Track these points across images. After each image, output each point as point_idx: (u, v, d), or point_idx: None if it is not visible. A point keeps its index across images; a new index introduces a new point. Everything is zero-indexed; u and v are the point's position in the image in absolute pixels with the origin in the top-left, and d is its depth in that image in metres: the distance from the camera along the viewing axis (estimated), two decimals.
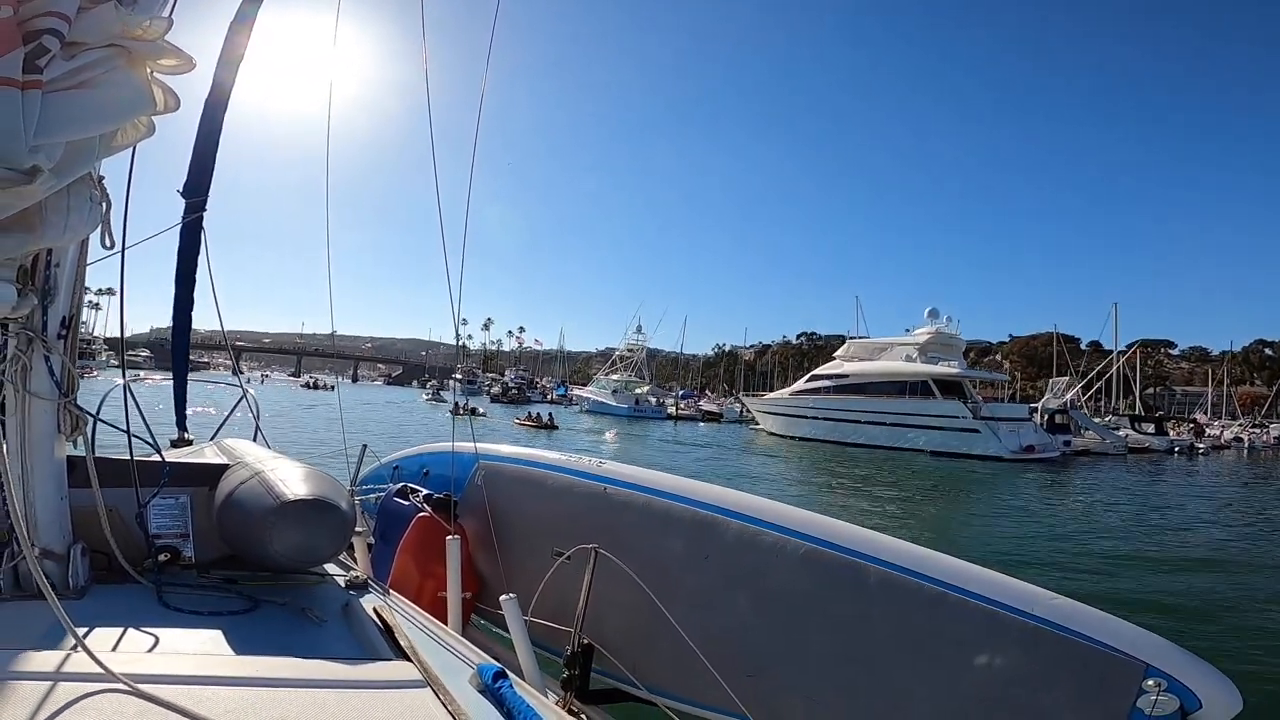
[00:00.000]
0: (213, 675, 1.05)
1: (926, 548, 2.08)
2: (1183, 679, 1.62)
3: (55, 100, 1.15)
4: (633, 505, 2.57)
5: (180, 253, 2.64)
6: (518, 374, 70.87)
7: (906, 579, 1.96)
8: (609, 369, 56.26)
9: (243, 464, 1.95)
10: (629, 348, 56.40)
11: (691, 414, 51.26)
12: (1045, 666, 1.74)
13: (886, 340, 33.58)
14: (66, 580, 1.49)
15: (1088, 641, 1.71)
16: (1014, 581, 1.92)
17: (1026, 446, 25.97)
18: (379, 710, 1.02)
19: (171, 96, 1.40)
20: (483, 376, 74.07)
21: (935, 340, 31.43)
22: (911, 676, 1.92)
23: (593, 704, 2.32)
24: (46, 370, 1.45)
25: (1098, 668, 1.68)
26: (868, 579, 2.03)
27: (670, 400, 53.92)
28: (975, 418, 26.91)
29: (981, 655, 1.82)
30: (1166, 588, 7.64)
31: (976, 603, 1.85)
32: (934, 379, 28.85)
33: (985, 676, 1.80)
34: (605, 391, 50.33)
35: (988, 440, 26.02)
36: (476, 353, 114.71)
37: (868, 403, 30.12)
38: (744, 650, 2.19)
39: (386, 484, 3.24)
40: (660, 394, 54.57)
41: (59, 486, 1.51)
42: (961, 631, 1.85)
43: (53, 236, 1.26)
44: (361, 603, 1.63)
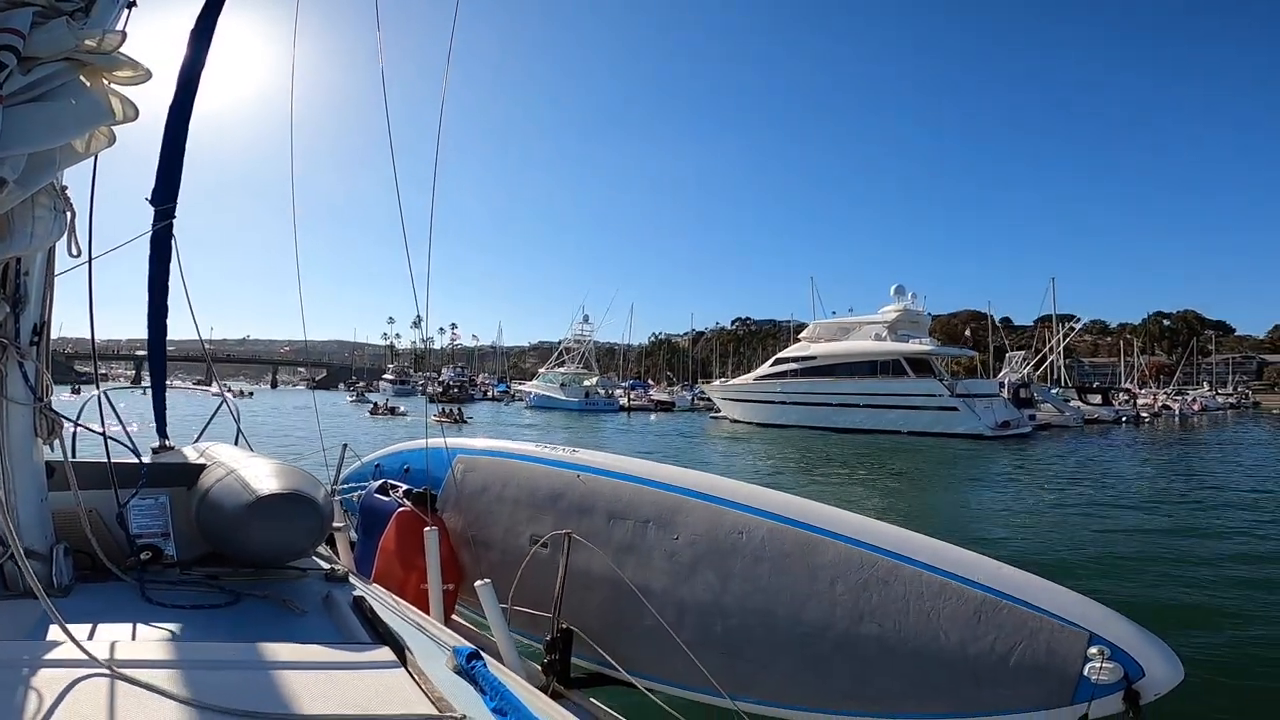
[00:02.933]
0: (194, 660, 1.10)
1: (882, 521, 2.16)
2: (1126, 648, 1.66)
3: (14, 114, 1.19)
4: (603, 490, 2.60)
5: (151, 262, 2.60)
6: (457, 371, 66.11)
7: (864, 552, 2.03)
8: (555, 361, 52.93)
9: (219, 463, 2.00)
10: (576, 339, 53.11)
11: (644, 405, 48.94)
12: (997, 636, 1.79)
13: (854, 319, 32.80)
14: (51, 579, 1.53)
15: (1034, 610, 1.77)
16: (963, 552, 1.97)
17: (1002, 422, 25.49)
18: (354, 690, 1.05)
19: (130, 107, 1.45)
20: (415, 376, 69.11)
21: (904, 318, 30.85)
22: (874, 648, 1.96)
23: (575, 688, 2.36)
24: (21, 376, 1.50)
25: (1045, 637, 1.74)
26: (827, 554, 2.08)
27: (620, 391, 51.24)
28: (952, 395, 26.12)
29: (937, 625, 1.86)
30: None
31: (929, 574, 1.91)
32: (905, 357, 28.18)
33: (943, 646, 1.85)
34: (553, 385, 47.57)
35: (967, 418, 25.63)
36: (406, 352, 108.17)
37: (838, 384, 29.47)
38: (716, 629, 2.24)
39: (368, 482, 3.23)
40: (610, 385, 51.82)
41: (39, 489, 1.57)
42: (918, 603, 1.90)
43: (20, 245, 1.31)
44: (341, 594, 1.66)
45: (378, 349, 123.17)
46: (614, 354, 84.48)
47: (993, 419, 25.56)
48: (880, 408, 27.57)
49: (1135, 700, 1.62)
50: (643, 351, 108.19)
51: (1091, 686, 1.62)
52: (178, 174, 2.47)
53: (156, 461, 2.11)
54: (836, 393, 28.91)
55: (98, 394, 1.96)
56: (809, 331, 33.81)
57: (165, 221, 2.45)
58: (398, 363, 79.95)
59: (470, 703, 1.08)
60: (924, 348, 28.52)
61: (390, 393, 53.74)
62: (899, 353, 28.19)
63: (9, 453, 1.50)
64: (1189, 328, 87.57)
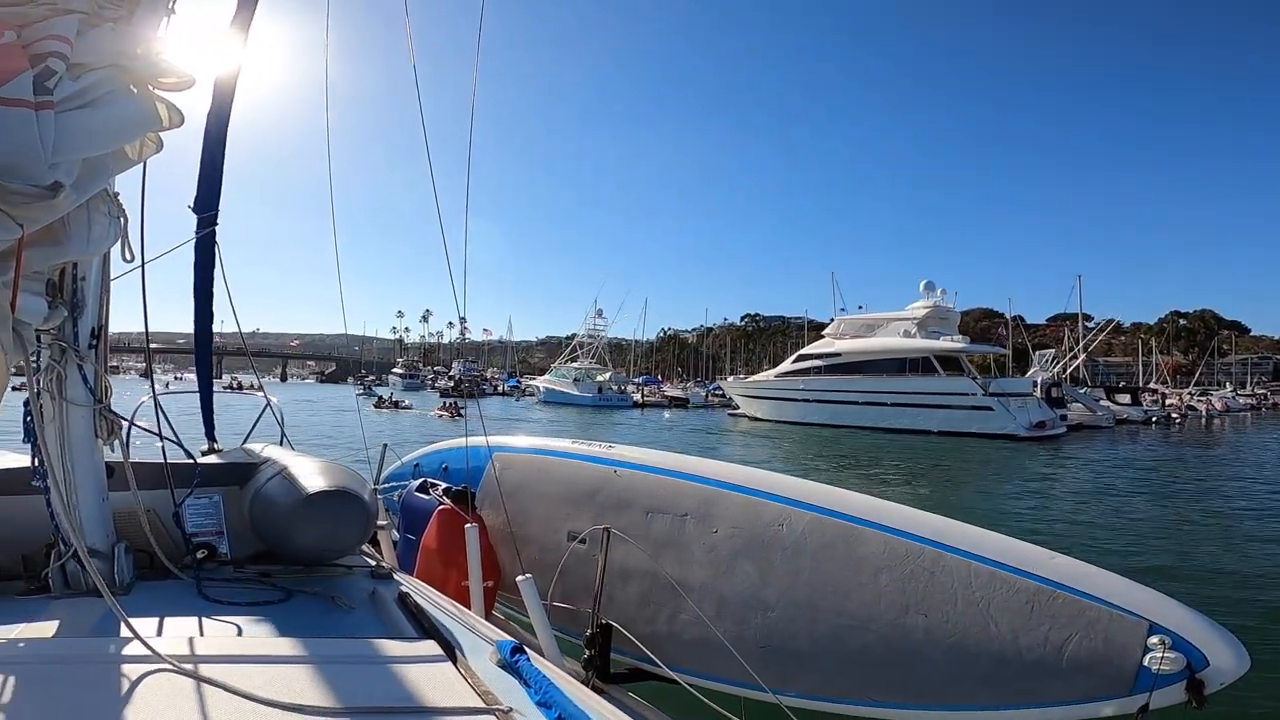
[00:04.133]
0: (251, 655, 1.13)
1: (925, 510, 2.14)
2: (1189, 637, 1.63)
3: (66, 120, 1.20)
4: (641, 485, 2.61)
5: (196, 267, 2.64)
6: (467, 366, 65.53)
7: (908, 543, 2.00)
8: (568, 356, 52.26)
9: (269, 463, 2.04)
10: (589, 333, 52.35)
11: (658, 401, 48.25)
12: (1051, 626, 1.77)
13: (880, 316, 31.88)
14: (113, 578, 1.57)
15: (1091, 600, 1.74)
16: (1014, 542, 1.96)
17: (1037, 423, 24.67)
18: (404, 684, 1.07)
19: (175, 113, 1.47)
20: (424, 370, 68.61)
21: (934, 314, 29.99)
22: (921, 638, 1.95)
23: (614, 683, 2.37)
24: (80, 378, 1.54)
25: (1102, 627, 1.71)
26: (870, 545, 2.07)
27: (632, 387, 50.56)
28: (986, 394, 25.26)
29: (987, 616, 1.85)
30: None
31: (978, 564, 1.90)
32: (936, 354, 27.36)
33: (993, 636, 1.83)
34: (565, 380, 46.94)
35: (1001, 418, 24.79)
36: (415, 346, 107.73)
37: (865, 382, 28.64)
38: (757, 622, 2.23)
39: (408, 481, 3.28)
40: (622, 381, 51.13)
41: (100, 489, 1.60)
42: (966, 593, 1.88)
43: (77, 250, 1.33)
44: (387, 591, 1.70)
45: (386, 343, 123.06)
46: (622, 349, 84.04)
47: (1027, 419, 24.73)
48: (909, 406, 26.74)
49: (1199, 690, 1.58)
50: (652, 347, 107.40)
51: (1153, 676, 1.60)
52: (218, 180, 2.48)
53: (210, 462, 2.16)
54: (863, 390, 28.12)
55: (151, 396, 1.99)
56: (833, 328, 33.07)
57: (209, 228, 2.48)
58: (406, 356, 79.56)
59: (515, 696, 1.10)
60: (956, 345, 27.69)
61: (400, 387, 53.37)
62: (929, 350, 27.41)
63: (70, 454, 1.54)
64: (1206, 327, 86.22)
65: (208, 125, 2.43)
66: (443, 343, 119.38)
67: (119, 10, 1.45)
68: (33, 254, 1.20)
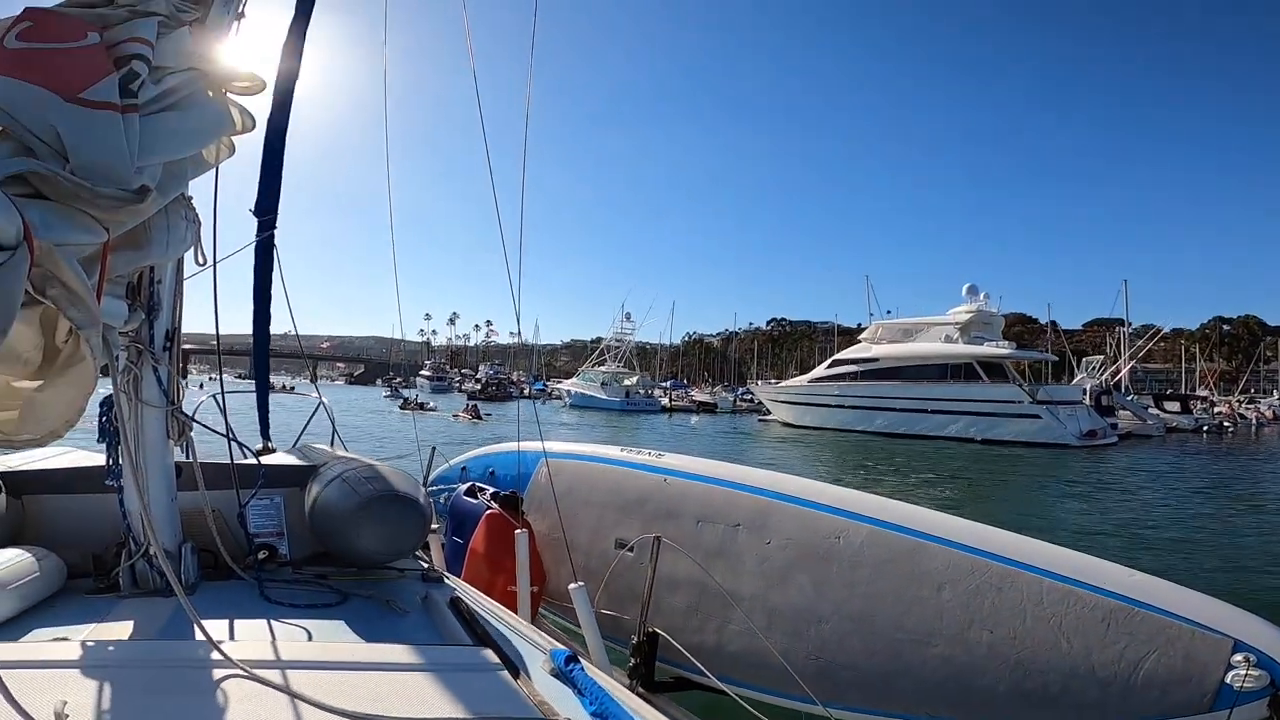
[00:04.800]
0: (314, 660, 1.14)
1: (991, 526, 2.12)
2: (1275, 654, 1.62)
3: (150, 123, 1.20)
4: (692, 494, 2.60)
5: (256, 270, 2.70)
6: (494, 368, 66.31)
7: (975, 558, 1.99)
8: (596, 360, 52.47)
9: (329, 465, 2.07)
10: (617, 337, 52.47)
11: (686, 406, 48.03)
12: (1128, 643, 1.75)
13: (920, 320, 31.01)
14: (180, 577, 1.58)
15: (1171, 618, 1.73)
16: (1089, 559, 1.94)
17: (1088, 431, 23.76)
18: (461, 693, 1.07)
19: (247, 116, 1.48)
20: (451, 373, 69.68)
21: (977, 319, 29.05)
22: (984, 654, 1.93)
23: (659, 693, 2.36)
24: (155, 380, 1.57)
25: (1183, 644, 1.70)
26: (934, 560, 2.05)
27: (659, 392, 50.44)
28: (1033, 401, 24.40)
29: (1060, 632, 1.83)
30: None
31: (1051, 580, 1.87)
32: (980, 360, 26.52)
33: (1064, 653, 1.81)
34: (593, 384, 47.03)
35: (1051, 427, 23.99)
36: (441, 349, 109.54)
37: (903, 388, 27.88)
38: (809, 634, 2.21)
39: (455, 484, 3.33)
40: (649, 385, 51.04)
41: (170, 489, 1.64)
42: (1036, 610, 1.86)
43: (157, 254, 1.35)
44: (438, 595, 1.72)
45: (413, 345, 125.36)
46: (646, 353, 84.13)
47: (1077, 427, 23.93)
48: (951, 413, 25.95)
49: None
50: (677, 351, 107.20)
51: (1234, 694, 1.59)
52: (277, 184, 2.53)
53: (273, 464, 2.20)
54: (902, 396, 27.32)
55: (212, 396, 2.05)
56: (869, 333, 32.15)
57: (268, 232, 2.53)
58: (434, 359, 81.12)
59: (570, 706, 1.09)
60: (1001, 350, 26.76)
61: (427, 389, 54.24)
62: (973, 355, 26.58)
63: (144, 454, 1.57)
64: (1250, 334, 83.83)
65: (268, 129, 2.47)
66: (468, 345, 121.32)
67: (194, 13, 1.48)
68: (116, 258, 1.20)
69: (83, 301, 0.94)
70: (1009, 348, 27.60)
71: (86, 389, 1.01)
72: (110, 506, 1.64)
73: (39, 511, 1.88)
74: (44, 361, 0.98)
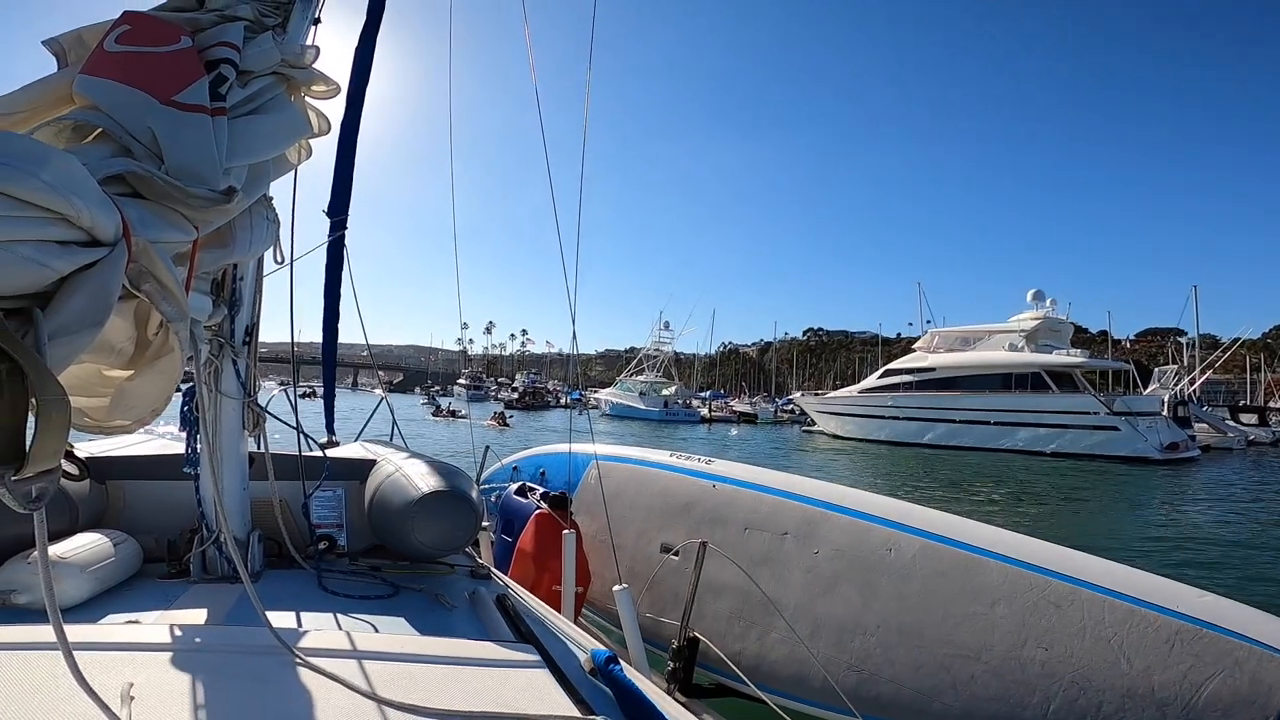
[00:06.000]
0: (367, 651, 1.20)
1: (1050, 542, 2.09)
2: None
3: (237, 125, 1.26)
4: (740, 501, 2.61)
5: (328, 270, 2.79)
6: (531, 377, 67.28)
7: (1034, 575, 1.97)
8: (634, 369, 52.64)
9: (387, 460, 2.15)
10: (655, 346, 52.54)
11: (726, 416, 47.59)
12: (1192, 664, 1.73)
13: (980, 328, 29.40)
14: (247, 565, 1.67)
15: (1240, 639, 1.71)
16: (1155, 578, 1.92)
17: (1170, 444, 22.31)
18: (504, 688, 1.12)
19: (324, 120, 1.56)
20: (488, 382, 71.04)
21: (1044, 326, 27.49)
22: (1037, 672, 1.91)
23: (697, 698, 2.37)
24: (234, 373, 1.66)
25: (1250, 666, 1.68)
26: (989, 575, 2.04)
27: (698, 402, 50.17)
28: (1110, 412, 23.04)
29: (1120, 652, 1.81)
30: None
31: (1115, 599, 1.86)
32: (1048, 369, 25.04)
33: (1123, 673, 1.80)
34: (631, 394, 47.08)
35: (1130, 439, 22.52)
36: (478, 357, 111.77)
37: (964, 399, 26.59)
38: (854, 646, 2.20)
39: (506, 483, 3.40)
40: (688, 395, 50.82)
41: (243, 478, 1.73)
42: (1096, 629, 1.85)
43: (240, 252, 1.41)
44: (486, 591, 1.78)
45: (450, 354, 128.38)
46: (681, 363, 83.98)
47: (1158, 440, 22.35)
48: (1018, 425, 24.68)
49: None
50: (712, 361, 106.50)
51: None
52: (349, 187, 2.62)
53: (336, 456, 2.26)
54: (963, 408, 26.14)
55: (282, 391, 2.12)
56: (925, 341, 30.66)
57: (340, 232, 2.61)
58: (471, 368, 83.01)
59: (608, 706, 1.13)
60: (1074, 359, 25.15)
61: (464, 398, 55.41)
62: (1041, 364, 25.12)
63: (221, 443, 1.65)
64: None
65: (341, 133, 2.57)
66: (504, 355, 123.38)
67: (275, 19, 1.56)
68: (204, 255, 1.25)
69: (174, 296, 0.98)
70: (1082, 356, 25.97)
71: (173, 379, 1.06)
72: (186, 494, 1.72)
73: (120, 497, 1.98)
74: (135, 352, 1.02)
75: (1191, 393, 31.57)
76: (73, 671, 0.80)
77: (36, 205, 0.64)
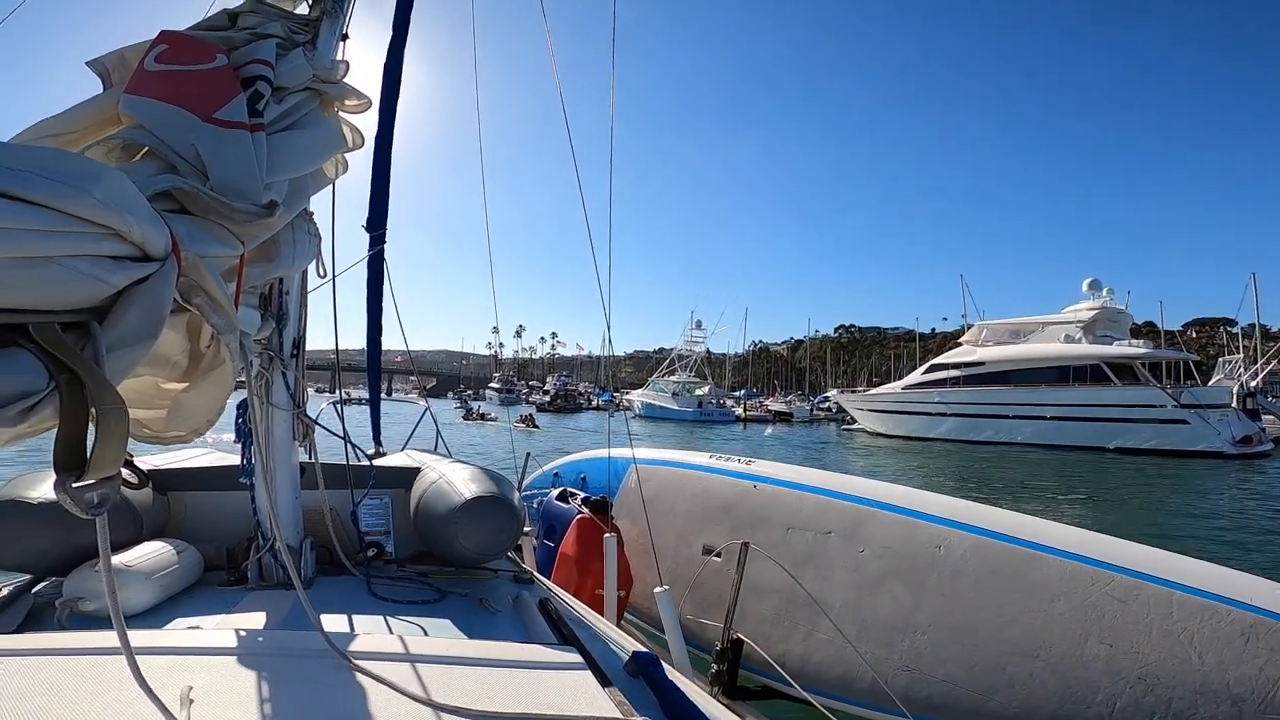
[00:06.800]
0: (415, 654, 1.23)
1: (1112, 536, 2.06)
2: None
3: (275, 141, 1.29)
4: (782, 501, 2.61)
5: (369, 284, 2.88)
6: (562, 380, 67.91)
7: (1095, 569, 1.94)
8: (666, 370, 52.62)
9: (431, 467, 2.21)
10: (687, 346, 52.41)
11: (761, 415, 47.13)
12: (1269, 659, 1.70)
13: (1032, 320, 28.38)
14: (299, 572, 1.73)
15: None
16: (1229, 572, 1.89)
17: (1243, 438, 21.38)
18: (546, 690, 1.14)
19: (358, 134, 1.60)
20: (519, 385, 71.96)
21: (1102, 316, 26.40)
22: (1100, 669, 1.87)
23: (740, 700, 2.37)
24: (284, 385, 1.73)
25: None
26: (1046, 570, 2.00)
27: (732, 402, 49.84)
28: (1178, 405, 22.01)
29: (1189, 648, 1.79)
30: None
31: (1183, 594, 1.83)
32: (1108, 361, 23.98)
33: (1194, 669, 1.77)
34: (664, 394, 46.99)
35: (1201, 432, 21.55)
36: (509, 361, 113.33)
37: (1017, 394, 25.59)
38: (903, 646, 2.18)
39: (548, 489, 3.47)
40: (720, 395, 50.54)
41: (295, 487, 1.79)
42: (1164, 624, 1.82)
43: (284, 266, 1.45)
44: (529, 595, 1.82)
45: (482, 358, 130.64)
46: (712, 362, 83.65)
47: (1230, 434, 21.40)
48: (1077, 420, 23.70)
49: None
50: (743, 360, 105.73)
51: None
52: (386, 200, 2.66)
53: (382, 465, 2.32)
54: (1016, 403, 25.20)
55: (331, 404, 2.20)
56: (972, 334, 29.57)
57: (379, 246, 2.67)
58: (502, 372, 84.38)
59: (650, 706, 1.16)
60: (1136, 350, 24.05)
61: (496, 401, 56.27)
62: (1100, 356, 24.02)
63: (273, 454, 1.71)
64: None
65: (376, 147, 2.61)
66: (534, 358, 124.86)
67: (305, 35, 1.60)
68: (250, 270, 1.30)
69: (223, 309, 1.01)
70: (1144, 346, 24.78)
71: (226, 390, 1.10)
72: (243, 504, 1.78)
73: (182, 507, 2.07)
74: (189, 365, 1.06)
75: (1255, 385, 29.93)
76: (134, 674, 0.84)
77: (90, 221, 0.66)
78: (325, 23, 1.70)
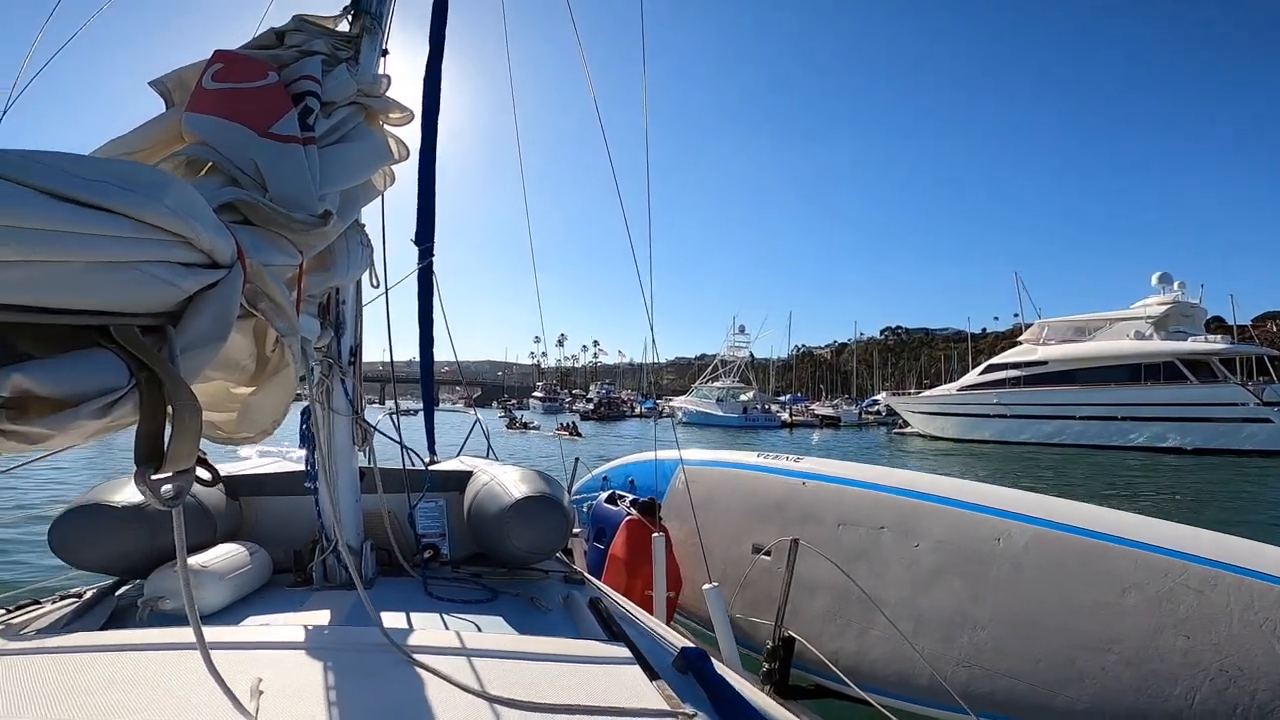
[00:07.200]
0: (470, 649, 1.27)
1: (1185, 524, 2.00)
2: None
3: (326, 154, 1.36)
4: (832, 497, 2.59)
5: (420, 296, 2.96)
6: (605, 388, 68.37)
7: (1168, 559, 1.89)
8: (709, 376, 52.37)
9: (484, 471, 2.29)
10: (731, 351, 52.02)
11: (808, 420, 46.29)
12: None
13: (1098, 316, 27.06)
14: (360, 573, 1.77)
15: None
16: None
17: None
18: (597, 684, 1.17)
19: (403, 147, 1.64)
20: (563, 394, 72.80)
21: (1175, 311, 24.95)
22: (1178, 662, 1.83)
23: (792, 699, 2.33)
24: (343, 391, 1.81)
25: None
26: (1115, 561, 1.96)
27: (777, 407, 49.17)
28: (1261, 403, 20.60)
29: (1276, 637, 1.73)
30: None
31: (1264, 582, 1.77)
32: (1183, 358, 22.65)
33: (1277, 660, 1.71)
34: (709, 400, 46.71)
35: None
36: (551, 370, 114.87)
37: (1082, 394, 24.40)
38: (962, 641, 2.14)
39: (597, 493, 3.52)
40: (765, 400, 49.93)
41: (355, 491, 1.87)
42: (1246, 613, 1.77)
43: (340, 276, 1.52)
44: (579, 595, 1.85)
45: (525, 368, 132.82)
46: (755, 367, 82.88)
47: None
48: (1150, 420, 22.62)
49: None
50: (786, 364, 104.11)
51: None
52: (432, 213, 2.71)
53: (437, 469, 2.41)
54: (1082, 403, 24.12)
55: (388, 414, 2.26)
56: (1033, 333, 28.38)
57: (428, 259, 2.72)
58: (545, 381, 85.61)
59: (699, 701, 1.18)
60: (1213, 346, 22.71)
61: (540, 410, 57.07)
62: (1174, 353, 22.77)
63: (334, 458, 1.78)
64: None
65: (420, 160, 2.67)
66: (576, 366, 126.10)
67: (348, 51, 1.66)
68: (309, 279, 1.36)
69: (286, 313, 1.06)
70: (1222, 342, 23.33)
71: (290, 392, 1.16)
72: (308, 508, 1.86)
73: (252, 512, 2.17)
74: (256, 369, 1.11)
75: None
76: (207, 666, 0.88)
77: (162, 229, 0.70)
78: (366, 39, 1.78)
